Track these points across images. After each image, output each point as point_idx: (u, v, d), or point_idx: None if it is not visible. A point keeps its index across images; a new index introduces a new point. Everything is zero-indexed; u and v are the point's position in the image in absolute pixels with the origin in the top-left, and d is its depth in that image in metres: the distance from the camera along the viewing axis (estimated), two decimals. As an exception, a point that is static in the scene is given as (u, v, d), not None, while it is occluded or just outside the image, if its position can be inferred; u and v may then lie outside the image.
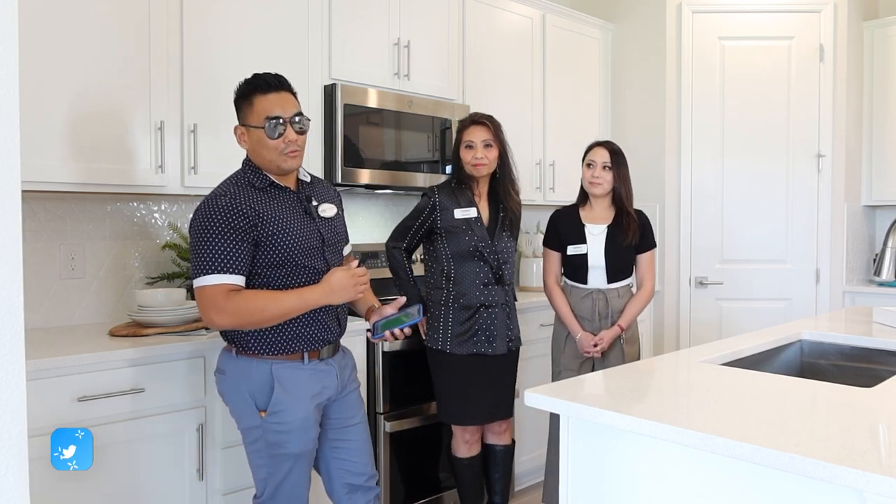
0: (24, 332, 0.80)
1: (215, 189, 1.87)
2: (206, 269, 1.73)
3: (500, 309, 2.49)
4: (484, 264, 2.46)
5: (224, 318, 1.73)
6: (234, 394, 1.86)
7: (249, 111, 1.86)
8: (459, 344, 2.45)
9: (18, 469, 0.78)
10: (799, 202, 3.86)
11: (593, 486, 1.40)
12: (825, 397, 1.48)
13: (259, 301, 1.75)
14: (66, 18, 2.16)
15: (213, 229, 1.74)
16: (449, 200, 2.47)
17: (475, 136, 2.47)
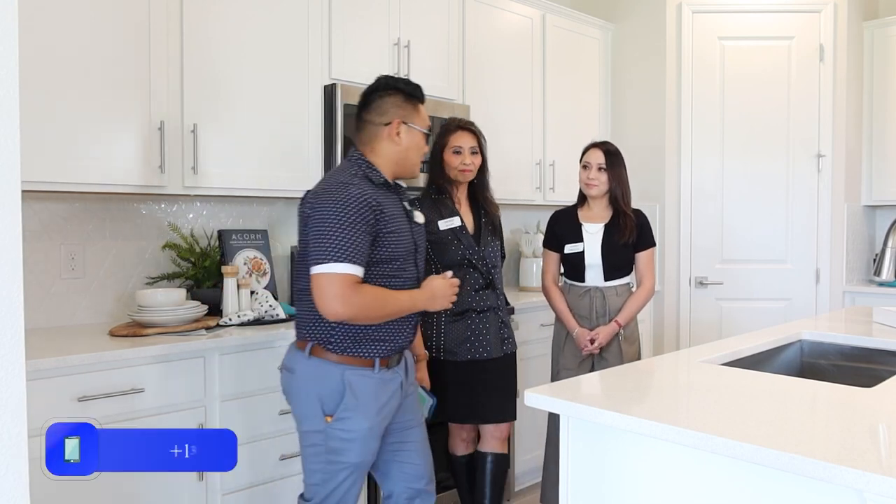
0: (25, 332, 0.80)
1: (336, 179, 1.82)
2: (335, 257, 1.69)
3: (493, 313, 2.48)
4: (474, 271, 2.46)
5: (346, 309, 1.70)
6: (302, 395, 1.83)
7: (416, 115, 1.92)
8: (454, 351, 2.43)
9: (18, 469, 0.78)
10: (799, 202, 3.86)
11: (593, 486, 1.40)
12: (825, 397, 1.48)
13: (380, 297, 1.77)
14: (67, 18, 2.16)
15: (345, 218, 1.72)
16: (431, 212, 2.42)
17: (463, 141, 2.46)
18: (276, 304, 2.54)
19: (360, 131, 1.93)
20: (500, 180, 3.28)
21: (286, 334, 2.35)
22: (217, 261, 2.67)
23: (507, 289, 3.78)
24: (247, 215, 2.94)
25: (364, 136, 1.91)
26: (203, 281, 2.64)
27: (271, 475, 2.32)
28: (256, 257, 2.80)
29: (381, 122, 1.89)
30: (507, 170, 3.47)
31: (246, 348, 2.27)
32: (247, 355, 2.28)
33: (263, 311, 2.50)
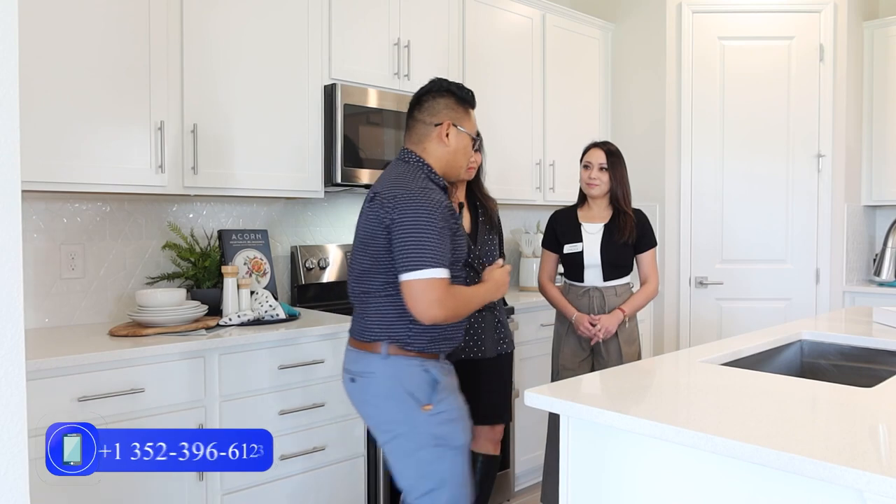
0: (25, 332, 0.80)
1: (411, 182, 1.82)
2: (431, 262, 1.71)
3: (489, 312, 2.46)
4: (469, 270, 2.44)
5: (444, 312, 1.73)
6: (390, 395, 1.81)
7: (466, 119, 1.97)
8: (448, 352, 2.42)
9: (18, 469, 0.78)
10: (799, 202, 3.86)
11: (593, 486, 1.40)
12: (825, 397, 1.48)
13: (466, 296, 1.83)
14: (67, 18, 2.16)
15: (435, 223, 1.74)
16: None
17: None
18: (276, 304, 2.54)
19: (409, 129, 1.97)
20: (500, 180, 3.29)
21: (286, 334, 2.36)
22: (217, 261, 2.67)
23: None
24: (247, 215, 2.94)
25: (414, 135, 1.95)
26: (203, 281, 2.64)
27: (271, 475, 2.32)
28: (256, 257, 2.80)
29: (431, 122, 1.92)
30: (507, 170, 3.47)
31: (246, 348, 2.27)
32: (247, 355, 2.28)
33: (263, 311, 2.50)
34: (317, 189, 2.79)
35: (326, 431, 2.46)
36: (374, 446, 2.60)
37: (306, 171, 2.74)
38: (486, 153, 2.56)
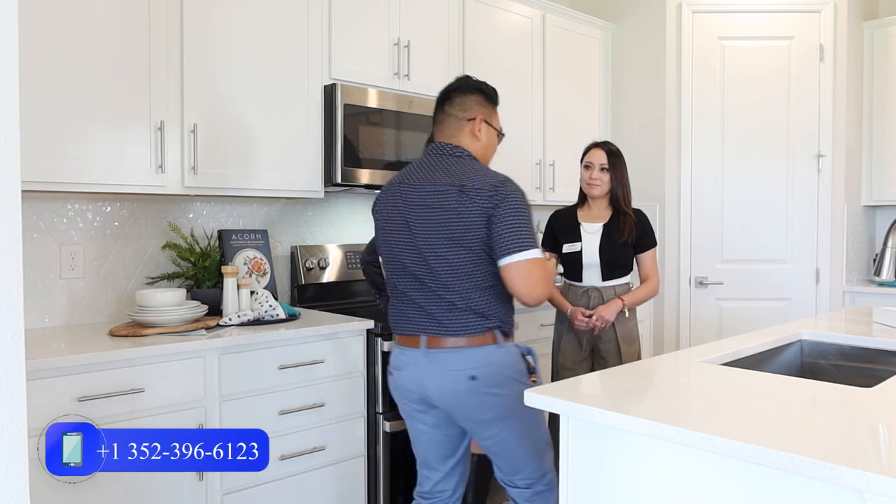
0: (25, 332, 0.80)
1: (493, 173, 1.90)
2: (535, 244, 1.82)
3: None
4: None
5: (546, 289, 1.85)
6: (510, 380, 1.88)
7: (494, 115, 2.04)
8: None
9: (18, 469, 0.78)
10: (799, 202, 3.86)
11: (593, 486, 1.40)
12: (825, 397, 1.48)
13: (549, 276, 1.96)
14: (67, 18, 2.16)
15: (529, 208, 1.88)
16: None
17: None
18: (276, 304, 2.54)
19: (440, 124, 1.99)
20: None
21: (286, 334, 2.36)
22: (217, 261, 2.67)
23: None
24: (247, 215, 2.94)
25: (447, 129, 1.97)
26: (203, 281, 2.64)
27: (271, 475, 2.32)
28: (256, 257, 2.80)
29: (464, 117, 1.96)
30: (507, 170, 3.45)
31: (246, 348, 2.27)
32: (247, 355, 2.28)
33: (263, 311, 2.50)
34: (317, 189, 2.79)
35: (326, 431, 2.46)
36: (374, 446, 2.60)
37: (306, 171, 2.74)
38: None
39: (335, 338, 2.49)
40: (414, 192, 1.89)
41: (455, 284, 1.83)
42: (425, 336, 1.87)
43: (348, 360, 2.54)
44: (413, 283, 1.89)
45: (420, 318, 1.88)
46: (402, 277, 1.91)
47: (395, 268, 1.93)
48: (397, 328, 1.97)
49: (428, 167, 1.92)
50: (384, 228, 1.96)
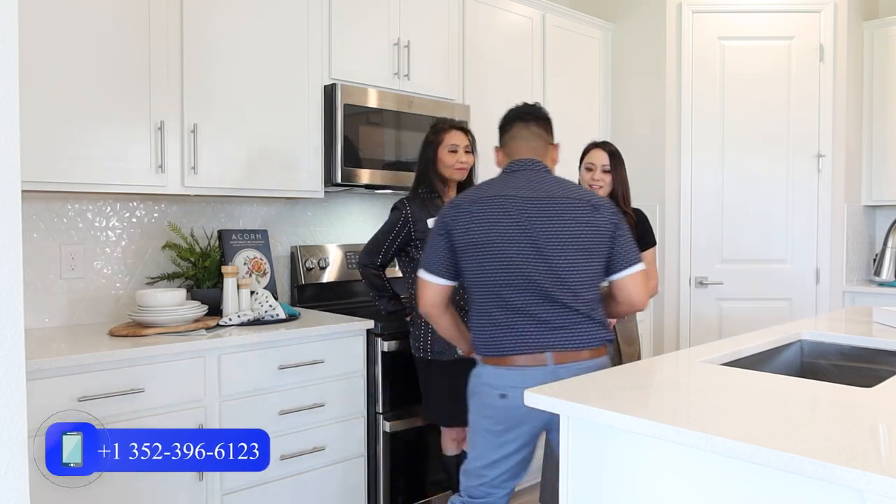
0: (25, 332, 0.80)
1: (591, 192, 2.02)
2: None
3: None
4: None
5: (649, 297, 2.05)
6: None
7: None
8: (442, 350, 2.40)
9: (18, 469, 0.78)
10: (799, 202, 3.86)
11: (593, 486, 1.40)
12: (825, 397, 1.48)
13: None
14: (67, 18, 2.16)
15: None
16: (421, 211, 2.46)
17: (459, 140, 2.50)
18: (276, 304, 2.54)
19: (527, 141, 2.01)
20: (500, 180, 3.28)
21: (286, 334, 2.36)
22: (217, 261, 2.67)
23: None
24: (247, 215, 2.94)
25: (538, 147, 2.01)
26: (203, 281, 2.64)
27: (271, 475, 2.32)
28: (256, 257, 2.80)
29: (550, 141, 2.05)
30: (507, 170, 3.47)
31: (246, 348, 2.27)
32: (247, 355, 2.28)
33: (263, 311, 2.50)
34: (317, 189, 2.79)
35: (326, 431, 2.46)
36: (374, 446, 2.60)
37: (306, 171, 2.75)
38: (479, 155, 2.58)
39: (335, 338, 2.49)
40: (534, 205, 1.86)
41: (584, 296, 1.86)
42: (551, 353, 1.82)
43: (348, 360, 2.54)
44: (535, 298, 1.83)
45: (544, 333, 1.83)
46: (523, 293, 1.83)
47: (514, 282, 1.83)
48: (509, 348, 1.84)
49: (533, 181, 1.92)
50: (493, 243, 1.84)
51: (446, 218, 1.92)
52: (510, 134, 2.03)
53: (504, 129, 2.06)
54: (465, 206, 1.91)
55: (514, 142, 2.02)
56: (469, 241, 1.87)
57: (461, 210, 1.90)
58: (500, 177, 1.99)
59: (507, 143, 2.04)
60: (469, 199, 1.92)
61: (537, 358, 1.82)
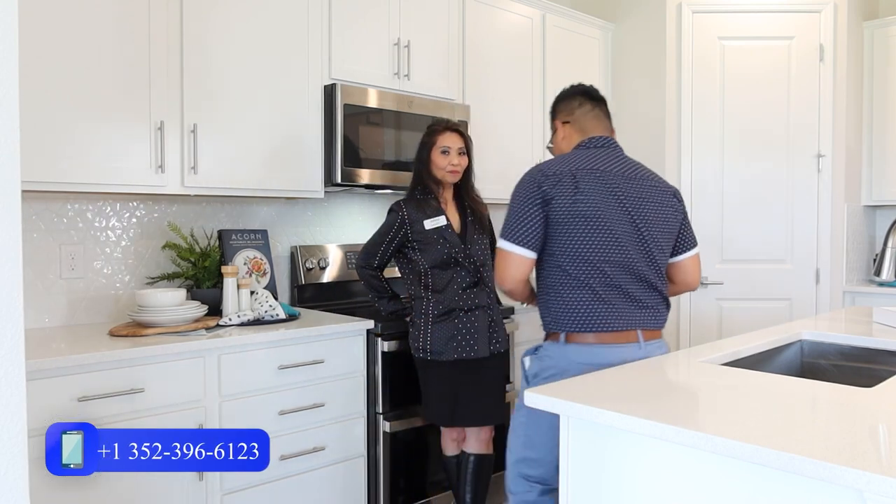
0: (25, 332, 0.80)
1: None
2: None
3: (482, 311, 2.48)
4: (461, 269, 2.46)
5: None
6: None
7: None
8: (441, 351, 2.42)
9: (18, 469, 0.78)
10: (799, 202, 3.86)
11: (593, 486, 1.40)
12: (825, 397, 1.48)
13: None
14: (67, 18, 2.16)
15: None
16: (417, 213, 2.47)
17: (452, 142, 2.48)
18: (276, 304, 2.54)
19: (601, 120, 2.01)
20: (500, 180, 3.28)
21: (286, 334, 2.36)
22: (217, 261, 2.67)
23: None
24: (247, 215, 2.94)
25: (609, 130, 2.02)
26: (203, 281, 2.64)
27: (271, 475, 2.32)
28: (256, 257, 2.80)
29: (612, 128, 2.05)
30: (507, 170, 3.46)
31: (246, 348, 2.27)
32: (247, 355, 2.28)
33: (263, 311, 2.50)
34: (317, 189, 2.79)
35: (326, 431, 2.46)
36: (374, 446, 2.60)
37: (306, 171, 2.75)
38: (473, 158, 2.58)
39: (335, 338, 2.49)
40: (631, 186, 1.86)
41: (664, 277, 1.93)
42: (641, 330, 1.85)
43: (348, 360, 2.54)
44: (631, 277, 1.83)
45: (637, 311, 1.84)
46: (622, 270, 1.82)
47: (616, 259, 1.81)
48: (608, 323, 1.82)
49: (621, 160, 1.93)
50: (600, 217, 1.80)
51: (544, 186, 1.81)
52: (582, 110, 1.99)
53: (568, 103, 2.02)
54: (565, 177, 1.82)
55: (587, 118, 1.99)
56: (574, 212, 1.79)
57: (562, 180, 1.81)
58: (582, 151, 1.92)
59: (579, 119, 1.99)
60: (566, 168, 1.84)
61: (630, 335, 1.84)
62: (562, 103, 2.04)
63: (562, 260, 1.83)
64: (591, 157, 1.88)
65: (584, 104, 2.00)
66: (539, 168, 1.87)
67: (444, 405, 2.47)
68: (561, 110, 2.04)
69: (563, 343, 1.85)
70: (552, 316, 1.89)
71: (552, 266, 1.87)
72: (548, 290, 1.90)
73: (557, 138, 2.04)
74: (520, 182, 1.89)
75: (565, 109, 2.03)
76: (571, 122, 2.00)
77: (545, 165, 1.88)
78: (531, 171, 1.89)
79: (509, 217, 1.86)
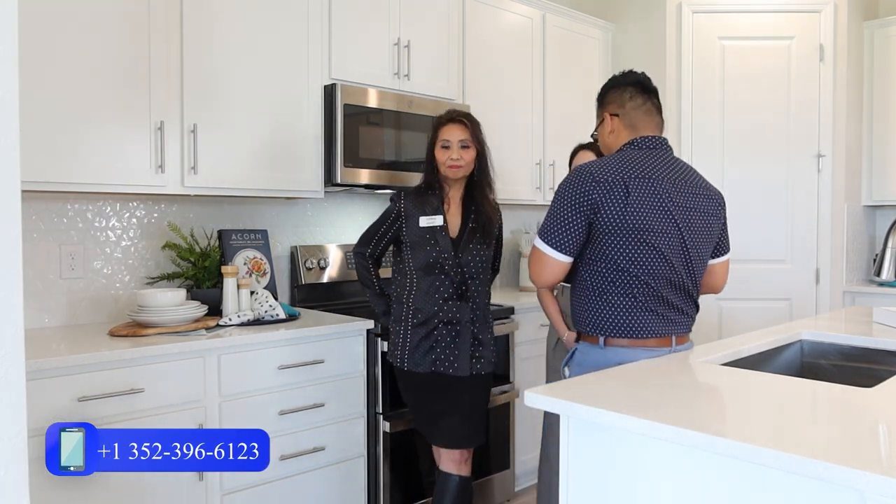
0: (25, 332, 0.80)
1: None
2: None
3: (464, 327, 2.29)
4: (445, 278, 2.28)
5: None
6: None
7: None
8: (417, 361, 2.28)
9: (18, 469, 0.78)
10: (799, 202, 3.86)
11: (593, 486, 1.40)
12: (825, 397, 1.48)
13: None
14: (67, 18, 2.16)
15: None
16: (415, 207, 2.31)
17: (452, 135, 2.29)
18: (275, 304, 2.54)
19: (653, 116, 1.91)
20: (499, 180, 3.28)
21: (286, 334, 2.36)
22: (217, 261, 2.67)
23: (506, 290, 3.78)
24: (247, 215, 2.94)
25: (660, 127, 1.93)
26: (203, 281, 2.64)
27: (271, 475, 2.32)
28: (256, 257, 2.80)
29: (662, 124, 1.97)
30: (506, 170, 3.46)
31: (246, 348, 2.27)
32: (247, 355, 2.28)
33: (263, 311, 2.50)
34: (317, 189, 2.79)
35: (326, 431, 2.46)
36: (374, 446, 2.60)
37: (306, 171, 2.74)
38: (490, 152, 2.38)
39: (335, 338, 2.49)
40: (680, 194, 1.80)
41: (698, 284, 1.92)
42: (675, 336, 1.85)
43: (348, 360, 2.54)
44: (671, 288, 1.82)
45: (674, 318, 1.84)
46: (665, 282, 1.81)
47: (660, 272, 1.79)
48: (648, 330, 1.80)
49: (670, 165, 1.84)
50: (647, 230, 1.76)
51: (594, 194, 1.74)
52: (633, 103, 1.88)
53: (619, 94, 1.90)
54: (617, 185, 1.74)
55: (638, 113, 1.88)
56: (622, 224, 1.74)
57: (614, 188, 1.74)
58: (633, 152, 1.83)
59: (629, 113, 1.88)
60: (618, 176, 1.76)
61: (665, 340, 1.84)
62: (612, 93, 1.92)
63: (603, 267, 1.80)
64: (642, 162, 1.80)
65: (635, 97, 1.88)
66: (590, 171, 1.77)
67: (421, 418, 2.37)
68: (611, 101, 1.91)
69: (601, 347, 1.84)
70: (591, 320, 1.84)
71: (593, 271, 1.82)
72: (587, 294, 1.84)
73: (604, 131, 1.93)
74: (567, 182, 1.79)
75: (616, 101, 1.90)
76: (621, 117, 1.89)
77: (595, 169, 1.78)
78: (581, 172, 1.78)
79: (551, 218, 1.79)
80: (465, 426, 2.34)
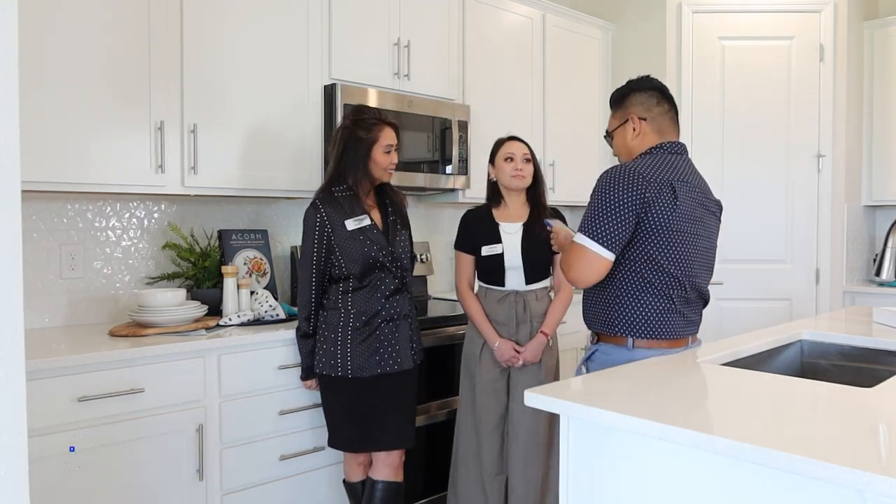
0: (25, 332, 0.80)
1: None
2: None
3: (404, 321, 2.30)
4: (385, 274, 2.27)
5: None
6: None
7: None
8: (361, 365, 2.23)
9: (18, 469, 0.78)
10: (799, 202, 3.86)
11: (593, 486, 1.40)
12: (825, 397, 1.48)
13: None
14: (67, 18, 2.16)
15: None
16: (336, 211, 2.25)
17: (393, 139, 2.31)
18: (276, 304, 2.54)
19: (674, 123, 1.93)
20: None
21: (286, 334, 2.36)
22: (217, 261, 2.67)
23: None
24: (247, 215, 2.94)
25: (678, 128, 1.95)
26: (203, 281, 2.64)
27: (271, 475, 2.32)
28: (256, 257, 2.80)
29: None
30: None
31: (246, 348, 2.27)
32: (247, 355, 2.28)
33: (263, 311, 2.50)
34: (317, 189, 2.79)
35: (326, 431, 2.46)
36: (374, 446, 2.59)
37: (306, 171, 2.74)
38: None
39: (335, 338, 2.49)
40: (704, 199, 1.87)
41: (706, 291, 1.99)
42: (691, 336, 1.96)
43: (348, 360, 2.53)
44: (695, 291, 1.90)
45: (694, 318, 1.96)
46: (692, 286, 1.87)
47: (692, 274, 1.85)
48: (675, 333, 1.86)
49: (695, 171, 1.91)
50: (687, 232, 1.80)
51: (647, 193, 1.73)
52: (660, 109, 1.90)
53: (646, 98, 1.91)
54: (665, 185, 1.76)
55: (665, 119, 1.90)
56: (669, 225, 1.76)
57: (663, 188, 1.75)
58: (665, 157, 1.84)
59: (657, 118, 1.89)
60: (664, 176, 1.77)
61: (684, 340, 1.92)
62: (638, 96, 1.91)
63: (641, 267, 1.79)
64: (678, 166, 1.83)
65: (661, 103, 1.90)
66: (636, 171, 1.76)
67: (353, 428, 2.26)
68: (638, 104, 1.90)
69: (629, 348, 1.84)
70: (623, 321, 1.83)
71: (631, 271, 1.81)
72: (620, 294, 1.83)
73: (627, 134, 1.91)
74: (614, 179, 1.76)
75: (643, 104, 1.90)
76: (649, 121, 1.89)
77: (642, 168, 1.77)
78: (627, 171, 1.76)
79: (597, 214, 1.75)
80: (399, 425, 2.30)
